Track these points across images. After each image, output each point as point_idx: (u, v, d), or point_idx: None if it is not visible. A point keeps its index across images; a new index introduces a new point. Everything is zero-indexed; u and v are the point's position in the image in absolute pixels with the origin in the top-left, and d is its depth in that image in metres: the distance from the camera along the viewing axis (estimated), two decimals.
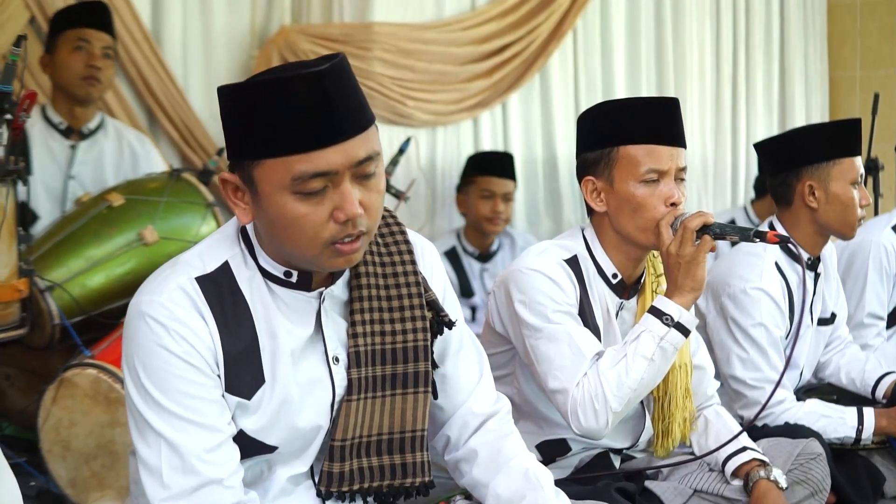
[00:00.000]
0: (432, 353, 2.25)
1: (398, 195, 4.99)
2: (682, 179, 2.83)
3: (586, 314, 2.83)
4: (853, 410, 3.46)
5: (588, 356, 2.73)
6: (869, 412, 3.46)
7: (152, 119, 5.07)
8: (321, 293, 2.12)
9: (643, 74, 6.86)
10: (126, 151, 4.53)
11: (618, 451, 2.99)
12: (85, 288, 3.71)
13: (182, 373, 1.99)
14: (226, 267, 2.08)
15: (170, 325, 1.99)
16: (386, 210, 2.25)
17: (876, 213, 5.12)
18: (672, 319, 2.70)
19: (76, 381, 3.25)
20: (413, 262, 2.25)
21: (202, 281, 2.04)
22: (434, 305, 2.25)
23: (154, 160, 4.60)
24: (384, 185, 2.03)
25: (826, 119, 7.83)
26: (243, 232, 2.13)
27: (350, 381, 2.14)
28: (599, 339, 2.83)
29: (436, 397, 2.31)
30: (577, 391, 2.70)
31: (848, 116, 3.99)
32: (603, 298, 2.89)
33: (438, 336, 2.27)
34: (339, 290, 2.16)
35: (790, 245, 2.78)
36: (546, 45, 6.25)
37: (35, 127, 4.31)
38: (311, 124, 1.90)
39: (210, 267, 2.07)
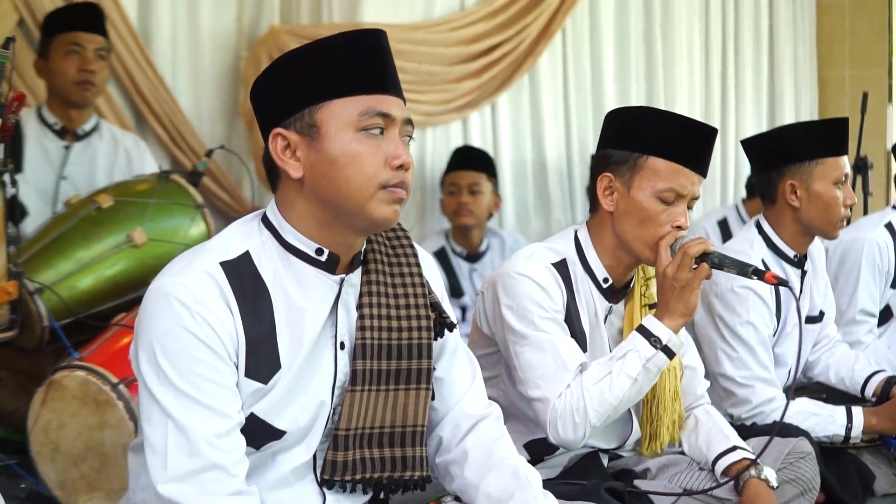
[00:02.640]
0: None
1: None
2: (692, 208, 2.85)
3: (573, 319, 2.84)
4: (842, 409, 3.47)
5: (571, 368, 2.75)
6: (858, 411, 3.47)
7: (141, 120, 5.06)
8: (342, 279, 2.18)
9: (633, 73, 6.86)
10: (121, 155, 4.53)
11: (605, 451, 3.00)
12: (74, 290, 3.70)
13: (200, 355, 2.02)
14: (247, 256, 2.12)
15: (193, 307, 2.02)
16: None
17: (865, 211, 5.12)
18: (660, 342, 2.72)
19: (65, 384, 3.24)
20: (418, 265, 2.34)
21: (226, 266, 2.09)
22: (437, 307, 2.33)
23: (148, 164, 4.60)
24: None
25: (815, 118, 7.84)
26: (265, 220, 2.19)
27: (355, 371, 2.19)
28: (585, 344, 2.85)
29: (433, 398, 2.34)
30: (558, 402, 2.72)
31: (837, 115, 4.00)
32: (591, 302, 2.90)
33: (439, 338, 2.33)
34: (356, 278, 2.23)
35: (775, 242, 2.79)
36: (535, 45, 6.25)
37: (30, 125, 4.33)
38: (379, 71, 2.14)
39: (233, 254, 2.11)
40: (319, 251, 2.16)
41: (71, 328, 3.62)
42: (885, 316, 4.14)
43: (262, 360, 2.10)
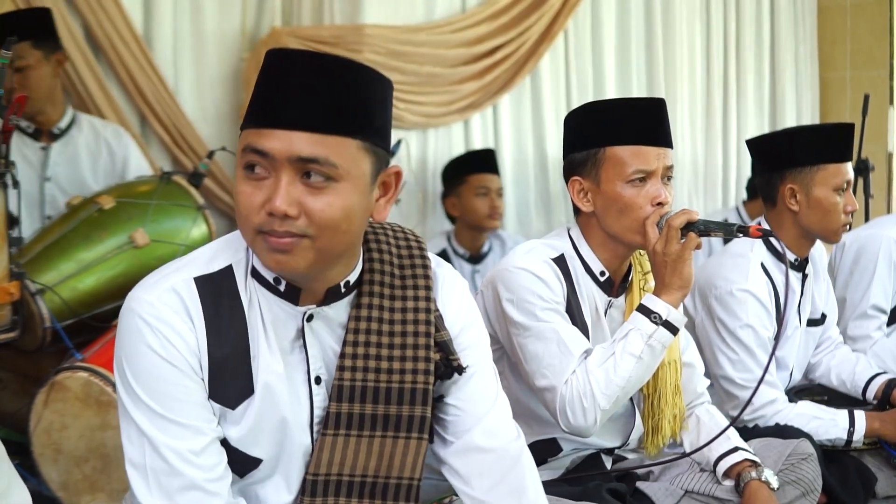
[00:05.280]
0: (434, 393, 2.13)
1: None
2: (670, 178, 2.84)
3: (574, 312, 2.84)
4: (844, 412, 3.47)
5: (576, 354, 2.74)
6: (860, 414, 3.47)
7: (143, 121, 5.06)
8: (306, 312, 2.05)
9: (633, 75, 6.86)
10: (103, 149, 4.46)
11: (609, 452, 3.00)
12: (76, 291, 3.70)
13: (165, 374, 1.96)
14: (228, 270, 2.03)
15: (154, 325, 1.95)
16: (415, 238, 2.19)
17: (866, 214, 5.13)
18: (660, 318, 2.71)
19: (67, 385, 3.24)
20: (428, 299, 2.14)
21: (201, 281, 2.00)
22: (444, 347, 2.14)
23: (133, 154, 4.52)
24: (345, 202, 1.90)
25: (817, 120, 7.85)
26: None
27: (328, 413, 2.06)
28: (588, 338, 2.84)
29: (431, 441, 2.18)
30: (565, 389, 2.72)
31: (838, 117, 4.02)
32: (591, 296, 2.90)
33: (445, 380, 2.15)
34: (335, 311, 2.08)
35: (773, 239, 2.79)
36: (537, 47, 6.25)
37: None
38: (271, 102, 1.88)
39: (214, 268, 2.03)
40: (277, 280, 2.03)
41: (73, 329, 3.62)
42: (895, 315, 4.14)
43: (229, 383, 2.01)
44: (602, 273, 2.91)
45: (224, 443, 2.04)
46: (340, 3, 5.52)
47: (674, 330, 2.74)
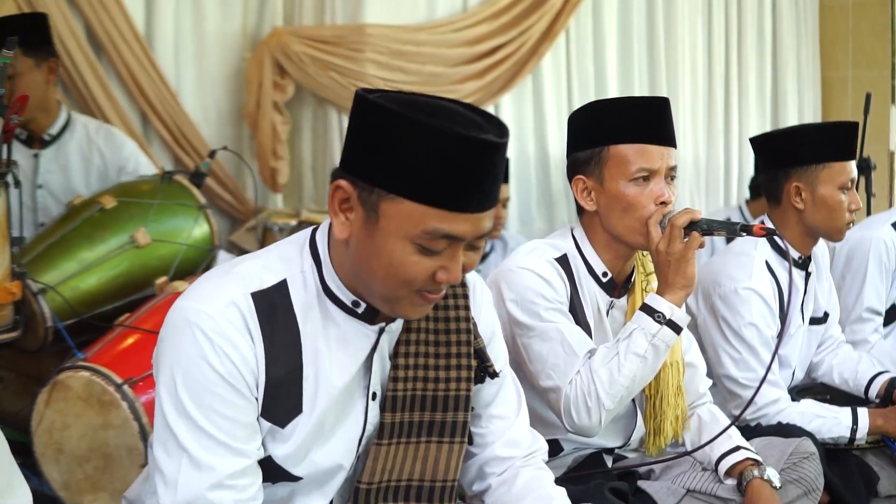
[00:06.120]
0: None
1: None
2: (673, 178, 2.83)
3: (577, 312, 2.84)
4: (847, 411, 3.46)
5: (580, 354, 2.74)
6: (863, 412, 3.46)
7: (145, 121, 5.07)
8: (381, 329, 2.07)
9: (635, 74, 6.87)
10: (95, 156, 4.34)
11: (610, 451, 3.00)
12: (77, 290, 3.70)
13: (220, 391, 1.92)
14: (283, 285, 2.00)
15: (216, 341, 1.91)
16: None
17: (868, 212, 5.12)
18: (664, 317, 2.70)
19: (69, 384, 3.24)
20: (467, 308, 2.20)
21: (257, 297, 1.96)
22: (480, 354, 2.20)
23: (128, 159, 4.38)
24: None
25: (818, 119, 7.85)
26: (312, 244, 2.05)
27: (382, 424, 2.10)
28: (590, 338, 2.83)
29: (471, 443, 2.27)
30: (569, 389, 2.71)
31: (840, 116, 4.01)
32: (594, 297, 2.89)
33: (479, 384, 2.22)
34: (396, 325, 2.12)
35: (776, 238, 2.78)
36: (538, 46, 6.25)
37: None
38: (468, 189, 1.87)
39: (267, 283, 1.99)
40: (356, 303, 2.02)
41: (75, 328, 3.62)
42: (891, 315, 4.13)
43: (281, 402, 2.00)
44: (605, 274, 2.90)
45: (268, 460, 2.03)
46: (342, 3, 5.53)
47: (677, 329, 2.74)
